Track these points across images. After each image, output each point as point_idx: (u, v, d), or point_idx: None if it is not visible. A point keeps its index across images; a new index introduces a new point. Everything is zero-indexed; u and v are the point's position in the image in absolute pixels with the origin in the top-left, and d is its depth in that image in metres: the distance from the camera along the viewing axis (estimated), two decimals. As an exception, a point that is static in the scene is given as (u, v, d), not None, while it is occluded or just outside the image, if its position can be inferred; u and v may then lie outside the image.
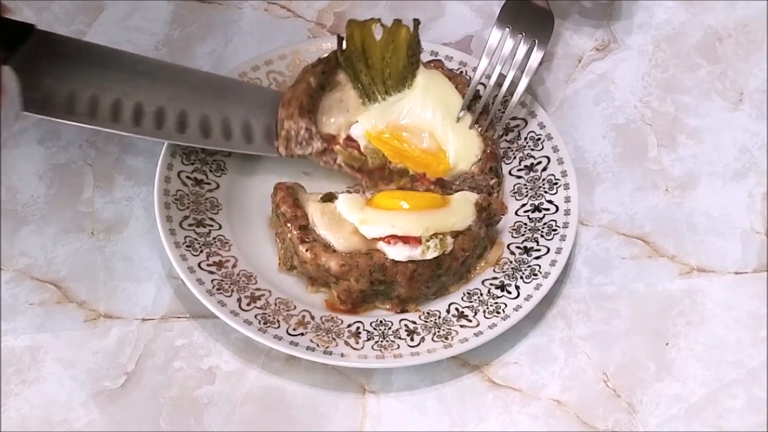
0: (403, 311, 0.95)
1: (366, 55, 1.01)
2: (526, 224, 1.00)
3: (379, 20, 1.01)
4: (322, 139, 0.99)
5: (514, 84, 1.02)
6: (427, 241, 0.92)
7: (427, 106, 1.00)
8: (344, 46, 1.01)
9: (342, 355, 0.90)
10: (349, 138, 1.00)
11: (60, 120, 0.86)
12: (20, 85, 0.81)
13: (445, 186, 1.00)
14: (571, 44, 1.16)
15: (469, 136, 1.00)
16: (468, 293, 0.96)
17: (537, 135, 1.04)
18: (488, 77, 1.02)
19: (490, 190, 1.00)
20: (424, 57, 1.04)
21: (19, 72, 0.81)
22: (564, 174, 1.01)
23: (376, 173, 1.00)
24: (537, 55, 1.02)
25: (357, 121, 1.00)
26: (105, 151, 1.04)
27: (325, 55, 1.02)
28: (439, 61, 1.06)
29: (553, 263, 0.96)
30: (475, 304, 0.95)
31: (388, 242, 0.92)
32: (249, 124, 0.98)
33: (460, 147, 0.99)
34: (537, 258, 0.97)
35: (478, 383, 0.93)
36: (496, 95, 1.03)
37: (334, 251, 0.93)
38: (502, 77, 1.02)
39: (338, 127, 1.00)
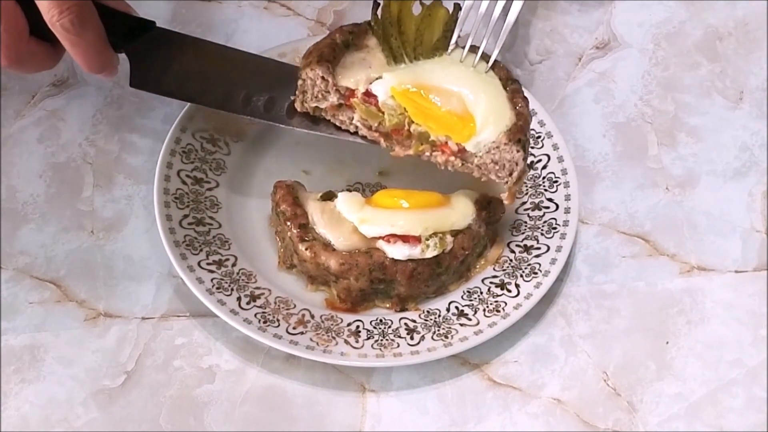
0: (402, 310, 0.95)
1: (400, 23, 0.97)
2: (526, 222, 1.00)
3: None
4: (339, 92, 0.95)
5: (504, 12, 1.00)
6: (427, 239, 0.92)
7: (459, 72, 0.96)
8: (380, 11, 0.97)
9: (342, 353, 0.90)
10: (367, 93, 0.95)
11: (158, 94, 0.99)
12: (131, 67, 0.96)
13: (466, 158, 0.94)
14: (571, 42, 1.16)
15: (501, 104, 0.95)
16: (468, 292, 0.96)
17: (537, 133, 1.04)
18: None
19: (513, 166, 0.93)
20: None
21: (132, 58, 0.96)
22: (564, 172, 1.01)
23: (394, 135, 0.96)
24: None
25: (379, 77, 0.95)
26: (105, 149, 1.04)
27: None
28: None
29: (553, 262, 0.96)
30: (475, 303, 0.95)
31: (388, 241, 0.92)
32: (272, 98, 1.00)
33: (490, 112, 0.93)
34: (537, 256, 0.97)
35: (478, 382, 0.93)
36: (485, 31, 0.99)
37: (334, 250, 0.93)
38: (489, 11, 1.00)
39: (357, 81, 0.95)
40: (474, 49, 0.97)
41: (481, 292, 0.95)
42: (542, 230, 0.99)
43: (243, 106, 0.98)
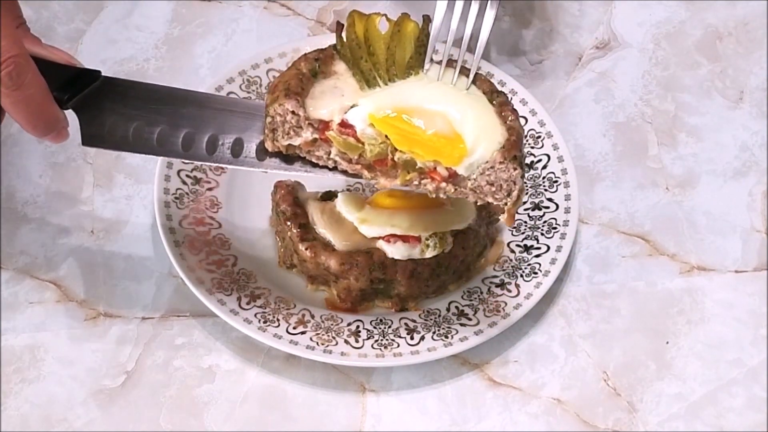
0: (402, 310, 0.95)
1: (368, 44, 0.90)
2: (526, 222, 1.00)
3: (384, 15, 0.92)
4: (312, 126, 0.87)
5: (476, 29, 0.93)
6: (427, 239, 0.92)
7: (440, 88, 0.89)
8: (344, 33, 0.91)
9: (342, 353, 0.90)
10: (343, 123, 0.87)
11: (114, 150, 0.92)
12: (80, 123, 0.88)
13: (459, 183, 0.87)
14: (571, 42, 1.16)
15: (490, 120, 0.87)
16: (468, 292, 0.96)
17: (537, 133, 1.04)
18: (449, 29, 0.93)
19: (511, 185, 0.85)
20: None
21: (80, 112, 0.88)
22: (564, 172, 1.01)
23: (377, 166, 0.88)
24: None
25: (355, 105, 0.87)
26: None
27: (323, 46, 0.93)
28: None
29: (553, 261, 0.96)
30: (475, 303, 0.94)
31: (388, 241, 0.92)
32: (239, 139, 0.91)
33: (480, 130, 0.86)
34: (537, 256, 0.97)
35: (478, 382, 0.93)
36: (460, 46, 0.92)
37: (334, 250, 0.93)
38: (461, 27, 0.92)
39: (331, 112, 0.87)
40: (452, 63, 0.90)
41: (481, 292, 0.95)
42: (542, 230, 0.99)
43: (209, 152, 0.88)
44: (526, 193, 1.01)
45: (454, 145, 0.85)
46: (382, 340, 0.92)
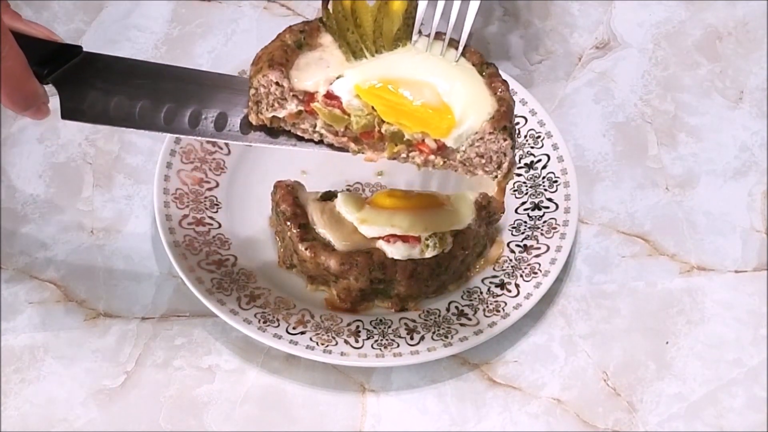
0: (402, 310, 0.95)
1: (355, 16, 0.87)
2: (525, 222, 1.00)
3: None
4: (297, 98, 0.85)
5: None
6: (427, 239, 0.92)
7: (427, 59, 0.86)
8: (330, 5, 0.88)
9: (342, 353, 0.90)
10: (329, 95, 0.84)
11: (94, 123, 0.90)
12: (60, 97, 0.87)
13: (448, 155, 0.85)
14: (570, 42, 1.16)
15: (480, 91, 0.85)
16: (468, 292, 0.96)
17: (537, 133, 1.04)
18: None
19: (501, 157, 0.83)
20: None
21: (59, 87, 0.87)
22: (564, 172, 1.01)
23: (364, 139, 0.86)
24: None
25: (341, 76, 0.85)
26: (104, 149, 1.04)
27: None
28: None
29: (553, 261, 0.96)
30: (475, 303, 0.94)
31: (388, 241, 0.92)
32: (223, 113, 0.89)
33: (469, 101, 0.84)
34: (537, 256, 0.97)
35: (478, 382, 0.93)
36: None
37: (334, 250, 0.93)
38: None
39: (316, 83, 0.85)
40: (440, 36, 0.88)
41: (481, 292, 0.95)
42: (542, 230, 0.99)
43: (191, 126, 0.87)
44: (526, 194, 1.01)
45: (443, 116, 0.83)
46: (381, 340, 0.92)
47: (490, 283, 0.96)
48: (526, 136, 1.04)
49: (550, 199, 1.00)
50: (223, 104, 0.88)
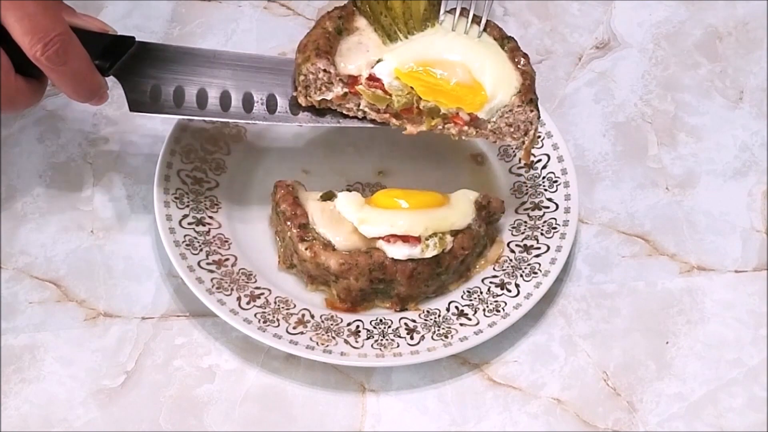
0: (402, 310, 0.95)
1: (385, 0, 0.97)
2: (526, 222, 1.00)
3: None
4: (342, 81, 0.94)
5: None
6: (427, 239, 0.92)
7: (457, 41, 0.95)
8: None
9: (342, 353, 0.90)
10: (371, 77, 0.94)
11: (167, 115, 0.95)
12: (124, 90, 0.93)
13: (479, 125, 0.94)
14: (571, 42, 1.16)
15: (506, 66, 0.94)
16: (468, 292, 0.96)
17: (537, 133, 1.04)
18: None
19: (528, 126, 0.93)
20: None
21: (122, 79, 0.93)
22: (564, 172, 1.01)
23: (404, 114, 0.95)
24: None
25: (380, 60, 0.94)
26: (104, 149, 1.04)
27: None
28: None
29: (553, 261, 0.96)
30: (475, 303, 0.95)
31: (388, 241, 0.92)
32: (273, 96, 0.96)
33: (498, 77, 0.93)
34: (537, 256, 0.97)
35: (478, 382, 0.93)
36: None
37: (334, 249, 0.93)
38: None
39: (359, 67, 0.94)
40: (464, 12, 0.97)
41: (481, 292, 0.95)
42: (542, 230, 0.99)
43: (246, 110, 0.94)
44: (526, 194, 1.01)
45: (476, 93, 0.93)
46: (381, 340, 0.92)
47: (490, 283, 0.96)
48: (526, 136, 1.04)
49: (550, 199, 1.00)
50: (270, 86, 0.95)
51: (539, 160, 1.03)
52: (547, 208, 1.00)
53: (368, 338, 0.92)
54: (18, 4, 0.84)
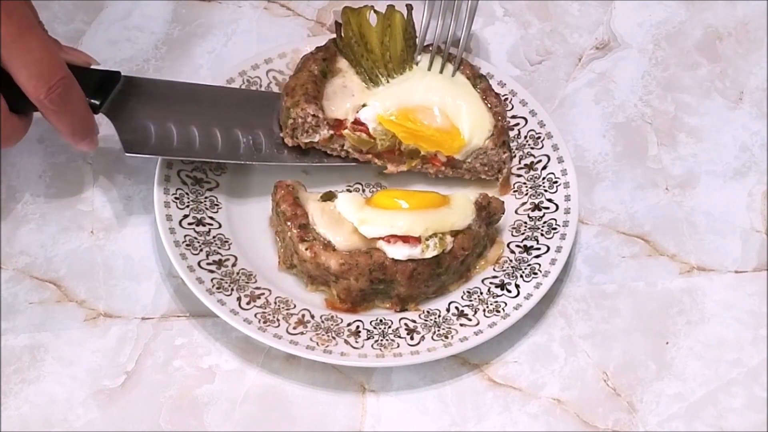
0: (402, 310, 0.95)
1: (364, 41, 1.02)
2: (526, 223, 1.00)
3: (372, 7, 1.03)
4: (329, 125, 0.98)
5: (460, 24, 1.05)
6: (427, 240, 0.92)
7: (434, 84, 1.01)
8: (342, 32, 1.02)
9: (342, 354, 0.90)
10: (356, 122, 0.99)
11: (162, 156, 0.97)
12: (117, 130, 0.94)
13: (455, 165, 1.00)
14: (570, 43, 1.16)
15: (480, 110, 1.00)
16: (468, 292, 0.96)
17: (537, 133, 1.04)
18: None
19: (501, 165, 1.00)
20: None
21: (112, 118, 0.94)
22: (564, 172, 1.01)
23: (385, 155, 1.00)
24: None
25: (365, 105, 0.99)
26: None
27: (322, 44, 1.04)
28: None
29: (553, 262, 0.96)
30: (475, 303, 0.94)
31: (388, 241, 0.92)
32: (258, 135, 1.00)
33: (474, 121, 0.99)
34: (537, 257, 0.97)
35: (478, 382, 0.93)
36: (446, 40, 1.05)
37: (334, 250, 0.93)
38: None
39: (345, 112, 0.99)
40: (438, 51, 1.03)
41: (481, 293, 0.95)
42: (542, 231, 0.99)
43: (234, 150, 0.97)
44: (526, 194, 1.01)
45: (454, 138, 0.99)
46: (382, 340, 0.92)
47: (490, 283, 0.96)
48: (526, 137, 1.04)
49: (550, 200, 1.00)
50: (256, 126, 0.99)
51: (539, 161, 1.03)
52: (547, 208, 1.00)
53: (368, 338, 0.92)
54: (24, 48, 0.85)
